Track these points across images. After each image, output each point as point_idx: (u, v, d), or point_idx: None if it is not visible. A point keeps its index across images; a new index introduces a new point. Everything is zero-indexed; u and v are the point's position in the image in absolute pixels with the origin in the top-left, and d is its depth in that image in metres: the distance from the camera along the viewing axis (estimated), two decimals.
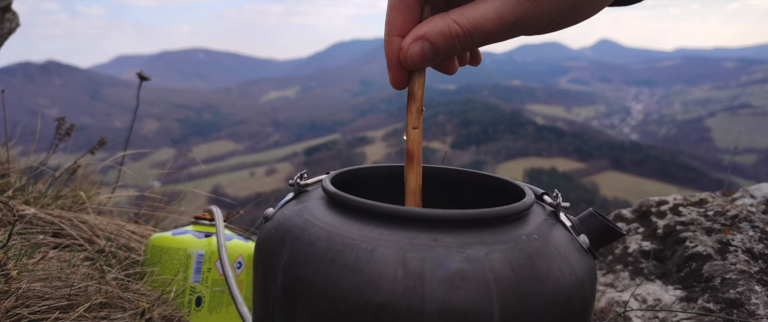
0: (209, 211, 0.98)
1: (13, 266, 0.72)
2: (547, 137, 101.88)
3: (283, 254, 0.39)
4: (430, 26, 0.40)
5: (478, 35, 0.39)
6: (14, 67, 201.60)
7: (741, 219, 1.00)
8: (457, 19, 0.39)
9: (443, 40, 0.39)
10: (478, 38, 0.39)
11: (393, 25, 0.41)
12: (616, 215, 1.18)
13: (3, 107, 1.35)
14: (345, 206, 0.41)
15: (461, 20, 0.39)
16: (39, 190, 1.25)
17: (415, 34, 0.40)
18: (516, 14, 0.37)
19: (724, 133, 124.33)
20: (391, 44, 0.42)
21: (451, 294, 0.34)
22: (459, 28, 0.39)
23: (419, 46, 0.40)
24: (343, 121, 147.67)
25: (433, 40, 0.40)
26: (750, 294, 0.83)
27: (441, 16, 0.40)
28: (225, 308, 0.90)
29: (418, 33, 0.40)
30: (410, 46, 0.41)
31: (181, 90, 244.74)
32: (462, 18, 0.39)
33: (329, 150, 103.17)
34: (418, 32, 0.40)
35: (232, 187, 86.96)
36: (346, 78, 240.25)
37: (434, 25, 0.40)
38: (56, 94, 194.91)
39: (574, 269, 0.38)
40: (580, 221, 0.43)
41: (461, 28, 0.39)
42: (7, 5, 1.82)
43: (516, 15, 0.37)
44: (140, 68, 1.77)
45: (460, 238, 0.36)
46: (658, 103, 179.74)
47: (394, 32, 0.42)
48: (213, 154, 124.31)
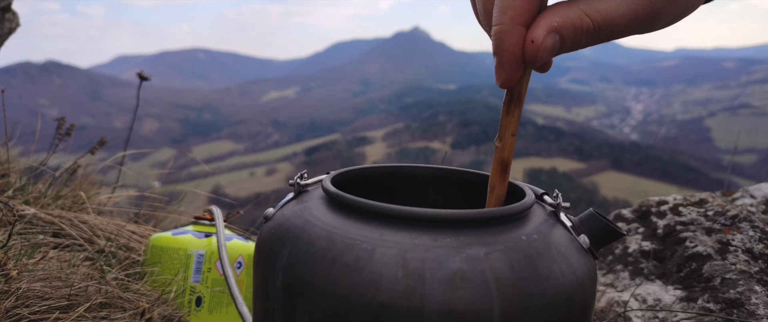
0: (209, 211, 0.98)
1: (13, 266, 0.72)
2: (547, 137, 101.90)
3: (283, 254, 0.39)
4: (561, 16, 0.35)
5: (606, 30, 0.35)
6: (14, 67, 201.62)
7: (741, 219, 1.00)
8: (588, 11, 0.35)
9: (573, 35, 0.35)
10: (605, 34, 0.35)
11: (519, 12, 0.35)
12: (616, 215, 1.18)
13: (3, 107, 1.35)
14: (345, 206, 0.40)
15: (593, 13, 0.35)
16: (39, 190, 1.25)
17: (548, 24, 0.35)
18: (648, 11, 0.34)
19: (724, 133, 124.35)
20: (515, 35, 0.35)
21: (452, 294, 0.34)
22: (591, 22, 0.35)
23: (552, 39, 0.35)
24: (343, 121, 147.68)
25: (564, 33, 0.35)
26: (750, 294, 0.83)
27: (569, 5, 0.35)
28: (225, 308, 0.90)
29: (551, 24, 0.35)
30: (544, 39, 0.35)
31: (181, 90, 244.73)
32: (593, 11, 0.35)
33: (329, 150, 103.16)
34: (552, 23, 0.35)
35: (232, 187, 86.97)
36: (346, 78, 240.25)
37: (566, 16, 0.35)
38: (56, 94, 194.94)
39: (574, 269, 0.38)
40: (581, 221, 0.43)
41: (593, 22, 0.35)
42: (7, 5, 1.82)
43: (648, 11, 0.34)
44: (140, 68, 1.77)
45: (461, 238, 0.36)
46: (658, 103, 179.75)
47: (519, 20, 0.35)
48: (213, 154, 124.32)
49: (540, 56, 0.35)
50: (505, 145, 0.41)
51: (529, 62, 0.36)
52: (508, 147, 0.41)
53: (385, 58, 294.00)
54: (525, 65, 0.37)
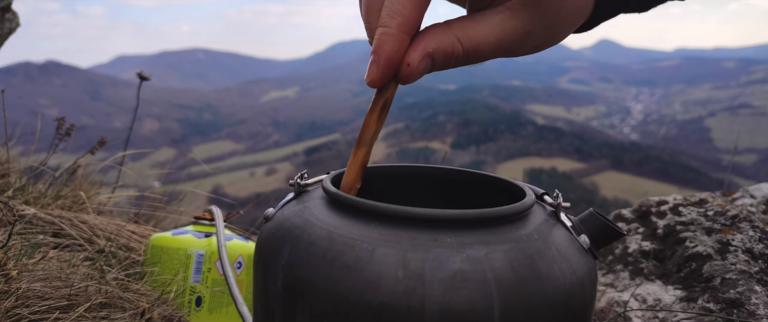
0: (209, 211, 0.98)
1: (13, 266, 0.72)
2: (547, 137, 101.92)
3: (283, 254, 0.39)
4: (437, 42, 0.37)
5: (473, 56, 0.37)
6: (14, 67, 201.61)
7: (741, 219, 1.00)
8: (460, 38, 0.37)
9: (444, 59, 0.37)
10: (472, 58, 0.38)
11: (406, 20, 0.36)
12: (616, 215, 1.18)
13: (3, 107, 1.35)
14: (345, 206, 0.41)
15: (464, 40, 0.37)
16: (39, 190, 1.25)
17: (424, 50, 0.37)
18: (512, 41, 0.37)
19: (724, 133, 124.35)
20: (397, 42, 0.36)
21: (452, 294, 0.34)
22: (461, 49, 0.37)
23: (425, 63, 0.37)
24: (343, 121, 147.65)
25: (436, 58, 0.37)
26: (750, 294, 0.83)
27: (444, 30, 0.37)
28: (225, 308, 0.90)
29: (427, 49, 0.37)
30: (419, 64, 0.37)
31: (181, 90, 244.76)
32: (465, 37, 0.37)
33: (329, 150, 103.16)
34: (428, 49, 0.37)
35: (232, 187, 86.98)
36: (346, 78, 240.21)
37: (440, 42, 0.37)
38: (56, 94, 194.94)
39: (574, 269, 0.38)
40: (581, 221, 0.43)
41: (463, 48, 0.37)
42: (7, 5, 1.82)
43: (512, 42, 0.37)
44: (140, 68, 1.77)
45: (461, 238, 0.36)
46: (658, 103, 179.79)
47: (405, 28, 0.36)
48: (213, 155, 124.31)
49: (413, 77, 0.38)
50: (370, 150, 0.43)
51: (401, 80, 0.38)
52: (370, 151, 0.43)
53: None
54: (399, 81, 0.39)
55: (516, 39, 0.37)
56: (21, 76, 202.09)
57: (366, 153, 0.42)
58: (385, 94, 0.40)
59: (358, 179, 0.43)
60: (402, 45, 0.37)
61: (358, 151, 0.42)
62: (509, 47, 0.38)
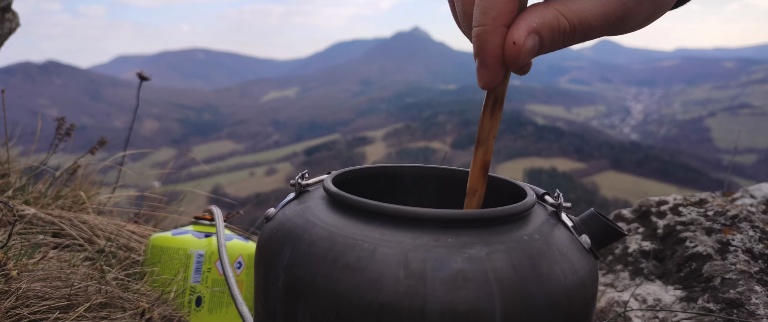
0: (209, 211, 0.98)
1: (13, 266, 0.72)
2: (547, 137, 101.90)
3: (284, 254, 0.39)
4: (539, 17, 0.35)
5: (581, 31, 0.35)
6: (14, 67, 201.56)
7: (741, 219, 1.00)
8: (564, 12, 0.35)
9: (551, 35, 0.35)
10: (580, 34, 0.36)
11: (501, 12, 0.35)
12: (616, 215, 1.18)
13: (3, 107, 1.35)
14: (346, 206, 0.40)
15: (568, 14, 0.35)
16: (39, 190, 1.25)
17: (528, 26, 0.35)
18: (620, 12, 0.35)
19: (724, 133, 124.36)
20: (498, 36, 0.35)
21: (453, 294, 0.34)
22: (567, 22, 0.35)
23: (532, 40, 0.35)
24: (343, 121, 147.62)
25: (543, 35, 0.35)
26: (750, 294, 0.83)
27: (545, 6, 0.35)
28: (225, 308, 0.90)
29: (531, 25, 0.35)
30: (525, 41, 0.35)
31: (181, 90, 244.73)
32: (569, 11, 0.35)
33: (329, 150, 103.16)
34: (531, 24, 0.35)
35: (232, 187, 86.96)
36: (346, 78, 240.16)
37: (544, 17, 0.35)
38: (56, 94, 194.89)
39: (575, 269, 0.38)
40: (582, 221, 0.43)
41: (569, 22, 0.35)
42: (7, 5, 1.82)
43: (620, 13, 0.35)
44: (140, 68, 1.77)
45: (462, 238, 0.36)
46: (658, 103, 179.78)
47: (502, 21, 0.35)
48: (213, 154, 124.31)
49: (522, 58, 0.35)
50: (489, 148, 0.41)
51: (511, 64, 0.36)
52: (490, 150, 0.41)
53: (385, 58, 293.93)
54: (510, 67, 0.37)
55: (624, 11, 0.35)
56: (21, 76, 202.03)
57: (485, 152, 0.41)
58: (495, 90, 0.39)
59: (481, 180, 0.42)
60: (502, 38, 0.35)
61: (477, 151, 0.41)
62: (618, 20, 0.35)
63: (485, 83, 0.37)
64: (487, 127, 0.40)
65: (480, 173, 0.42)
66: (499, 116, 0.40)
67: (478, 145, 0.41)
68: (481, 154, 0.41)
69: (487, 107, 0.40)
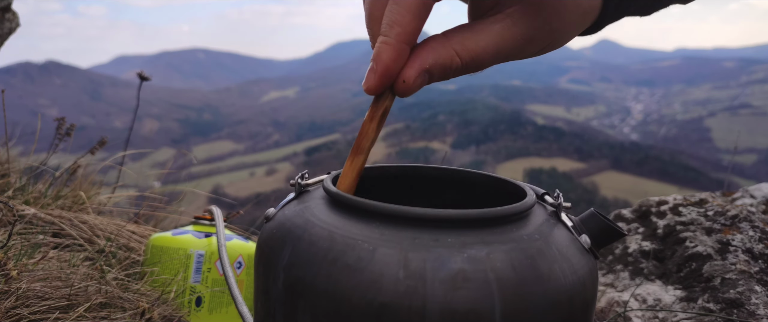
0: (209, 211, 0.98)
1: (13, 266, 0.72)
2: (547, 137, 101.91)
3: (284, 254, 0.39)
4: (434, 57, 0.37)
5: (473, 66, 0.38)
6: (14, 67, 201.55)
7: (741, 219, 1.00)
8: (458, 51, 0.37)
9: (442, 72, 0.37)
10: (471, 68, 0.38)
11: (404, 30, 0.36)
12: (616, 215, 1.18)
13: (3, 107, 1.35)
14: (346, 206, 0.40)
15: (463, 53, 0.37)
16: (39, 190, 1.25)
17: (420, 65, 0.37)
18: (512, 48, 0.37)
19: (724, 133, 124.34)
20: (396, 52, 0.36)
21: (453, 294, 0.34)
22: (460, 61, 0.37)
23: (421, 79, 0.37)
24: (343, 122, 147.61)
25: (434, 72, 0.37)
26: (750, 294, 0.83)
27: (442, 43, 0.37)
28: (225, 308, 0.90)
29: (423, 65, 0.37)
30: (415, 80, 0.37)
31: (181, 90, 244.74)
32: (464, 50, 0.37)
33: (329, 150, 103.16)
34: (424, 65, 0.37)
35: (232, 187, 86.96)
36: (346, 78, 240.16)
37: (438, 57, 0.37)
38: (56, 94, 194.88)
39: (575, 269, 0.38)
40: (582, 221, 0.43)
41: (461, 61, 0.37)
42: (7, 5, 1.82)
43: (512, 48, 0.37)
44: (140, 68, 1.77)
45: (462, 238, 0.36)
46: (658, 103, 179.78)
47: (404, 38, 0.36)
48: (213, 154, 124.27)
49: (409, 92, 0.38)
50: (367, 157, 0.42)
51: (397, 93, 0.39)
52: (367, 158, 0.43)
53: None
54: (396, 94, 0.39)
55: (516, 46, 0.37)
56: (21, 76, 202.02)
57: (363, 161, 0.42)
58: (384, 103, 0.40)
59: (353, 186, 0.43)
60: (400, 55, 0.37)
61: (356, 158, 0.42)
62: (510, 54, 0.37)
63: (368, 88, 0.39)
64: (371, 136, 0.41)
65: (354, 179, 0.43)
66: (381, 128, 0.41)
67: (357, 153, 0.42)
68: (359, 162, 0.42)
69: (375, 118, 0.41)
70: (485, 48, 0.37)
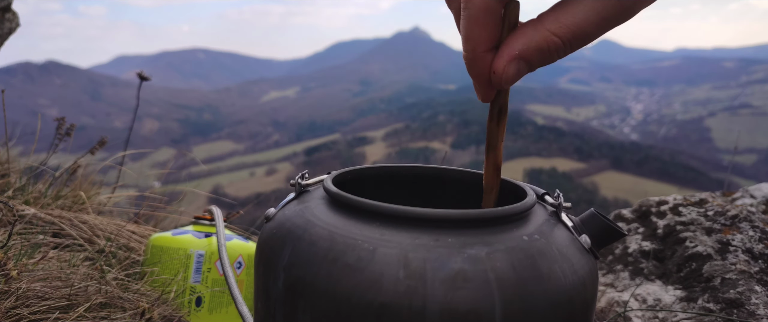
0: (209, 211, 0.98)
1: (13, 266, 0.72)
2: (547, 137, 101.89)
3: (284, 254, 0.39)
4: (524, 42, 0.35)
5: (577, 42, 0.35)
6: (14, 67, 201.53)
7: (741, 219, 1.00)
8: (555, 30, 0.35)
9: (540, 56, 0.36)
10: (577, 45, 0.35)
11: (478, 42, 0.36)
12: (616, 215, 1.18)
13: (3, 107, 1.35)
14: (346, 206, 0.40)
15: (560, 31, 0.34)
16: (39, 190, 1.25)
17: (509, 54, 0.36)
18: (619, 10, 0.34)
19: (724, 133, 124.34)
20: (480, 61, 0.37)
21: (453, 294, 0.34)
22: (559, 40, 0.35)
23: (514, 66, 0.36)
24: (343, 121, 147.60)
25: (530, 58, 0.36)
26: (750, 294, 0.83)
27: (534, 26, 0.35)
28: (225, 308, 0.90)
29: (512, 53, 0.36)
30: (505, 69, 0.36)
31: (181, 90, 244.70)
32: (561, 28, 0.34)
33: (329, 150, 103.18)
34: (513, 52, 0.36)
35: (232, 187, 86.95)
36: (346, 78, 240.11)
37: (530, 41, 0.35)
38: (56, 94, 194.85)
39: (575, 269, 0.38)
40: (582, 221, 0.43)
41: (561, 39, 0.35)
42: (7, 5, 1.82)
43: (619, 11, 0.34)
44: (140, 68, 1.77)
45: (462, 238, 0.36)
46: (658, 103, 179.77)
47: (482, 48, 0.36)
48: (213, 154, 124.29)
49: (505, 83, 0.37)
50: (498, 153, 0.43)
51: (497, 86, 0.38)
52: (500, 153, 0.44)
53: (385, 58, 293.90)
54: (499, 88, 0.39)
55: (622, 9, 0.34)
56: (21, 76, 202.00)
57: (495, 156, 0.43)
58: (498, 102, 0.41)
59: (495, 179, 0.44)
60: (485, 62, 0.37)
61: (489, 155, 0.43)
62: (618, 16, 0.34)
63: (481, 98, 0.40)
64: (495, 134, 0.42)
65: (493, 174, 0.44)
66: (505, 123, 0.42)
67: (488, 150, 0.43)
68: (492, 158, 0.44)
69: (493, 117, 0.41)
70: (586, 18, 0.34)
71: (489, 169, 0.44)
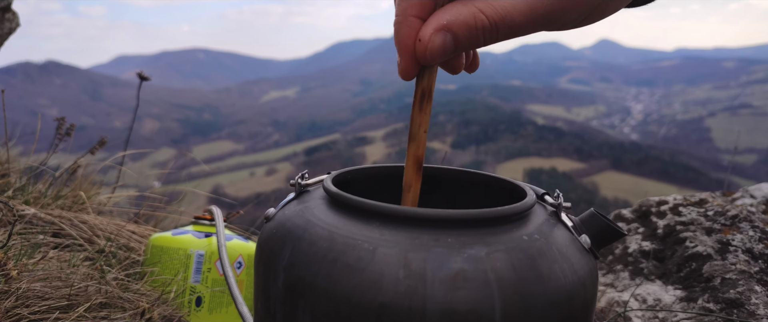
0: (209, 211, 0.98)
1: (13, 266, 0.72)
2: (547, 137, 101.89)
3: (284, 254, 0.39)
4: (453, 15, 0.34)
5: (504, 28, 0.34)
6: (14, 67, 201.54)
7: (741, 219, 1.00)
8: (483, 8, 0.34)
9: (467, 33, 0.34)
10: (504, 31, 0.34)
11: (411, 4, 0.35)
12: (616, 215, 1.18)
13: (3, 107, 1.35)
14: (346, 206, 0.40)
15: (488, 10, 0.34)
16: (39, 190, 1.25)
17: (437, 22, 0.34)
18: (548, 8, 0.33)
19: (724, 133, 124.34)
20: (407, 27, 0.35)
21: (453, 294, 0.34)
22: (486, 19, 0.34)
23: (441, 38, 0.34)
24: (343, 121, 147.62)
25: (457, 32, 0.34)
26: (750, 294, 0.83)
27: (464, 3, 0.34)
28: (225, 308, 0.90)
29: (440, 22, 0.34)
30: (431, 38, 0.34)
31: (181, 90, 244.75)
32: (489, 7, 0.34)
33: (329, 150, 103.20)
34: (441, 21, 0.34)
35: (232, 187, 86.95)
36: (346, 78, 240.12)
37: (458, 14, 0.34)
38: (56, 94, 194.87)
39: (575, 269, 0.38)
40: (582, 221, 0.43)
41: (488, 19, 0.34)
42: (7, 5, 1.82)
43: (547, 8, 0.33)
44: (140, 68, 1.77)
45: (462, 238, 0.36)
46: (658, 103, 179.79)
47: (411, 11, 0.35)
48: (213, 154, 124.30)
49: (430, 55, 0.35)
50: (420, 144, 0.41)
51: (421, 60, 0.36)
52: (422, 144, 0.41)
53: (385, 58, 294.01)
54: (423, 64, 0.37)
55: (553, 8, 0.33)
56: (21, 76, 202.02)
57: (417, 148, 0.41)
58: (421, 84, 0.39)
59: (415, 176, 0.42)
60: (412, 28, 0.35)
61: (410, 146, 0.41)
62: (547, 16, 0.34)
63: (400, 73, 0.38)
64: (418, 121, 0.40)
65: (414, 169, 0.42)
66: (429, 110, 0.40)
67: (410, 140, 0.41)
68: (413, 150, 0.41)
69: (416, 101, 0.40)
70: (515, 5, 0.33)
71: (409, 163, 0.41)
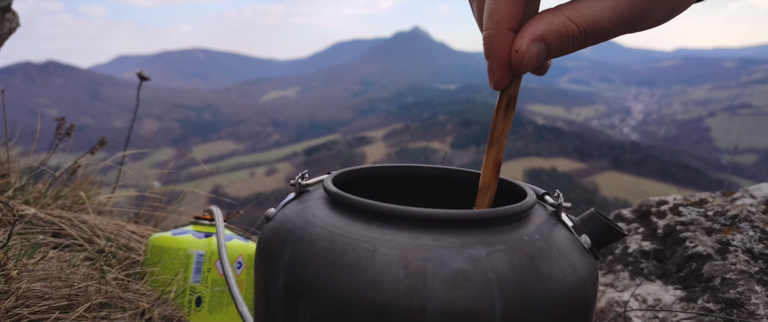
0: (209, 211, 0.98)
1: (13, 266, 0.72)
2: (547, 137, 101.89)
3: (284, 254, 0.39)
4: (545, 25, 0.36)
5: (593, 34, 0.36)
6: (14, 67, 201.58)
7: (741, 219, 1.00)
8: (572, 17, 0.35)
9: (559, 41, 0.36)
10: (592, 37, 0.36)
11: (504, 17, 0.36)
12: (616, 215, 1.18)
13: (3, 107, 1.35)
14: (347, 206, 0.40)
15: (577, 19, 0.35)
16: (39, 190, 1.25)
17: (531, 34, 0.36)
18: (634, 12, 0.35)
19: (724, 133, 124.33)
20: (502, 40, 0.36)
21: (453, 294, 0.34)
22: (576, 27, 0.35)
23: (536, 47, 0.36)
24: (343, 121, 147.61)
25: (550, 41, 0.36)
26: (750, 294, 0.83)
27: (554, 12, 0.36)
28: (225, 308, 0.90)
29: (534, 33, 0.36)
30: (528, 48, 0.36)
31: (181, 90, 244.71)
32: (578, 16, 0.35)
33: (329, 150, 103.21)
34: (535, 32, 0.36)
35: (232, 187, 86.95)
36: (346, 78, 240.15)
37: (550, 24, 0.36)
38: (56, 94, 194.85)
39: (575, 269, 0.38)
40: (582, 221, 0.43)
41: (578, 27, 0.35)
42: (7, 5, 1.82)
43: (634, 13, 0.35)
44: (140, 68, 1.77)
45: (462, 238, 0.36)
46: (658, 103, 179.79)
47: (506, 25, 0.36)
48: (213, 154, 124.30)
49: (526, 65, 0.37)
50: (501, 147, 0.42)
51: (516, 69, 0.38)
52: (502, 148, 0.42)
53: (385, 58, 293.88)
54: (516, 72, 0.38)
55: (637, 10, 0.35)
56: (21, 76, 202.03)
57: (498, 151, 0.42)
58: (508, 91, 0.40)
59: (493, 178, 0.43)
60: (506, 41, 0.37)
61: (490, 149, 0.42)
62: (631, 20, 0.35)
63: (494, 84, 0.39)
64: (501, 126, 0.41)
65: (493, 171, 0.43)
66: (512, 116, 0.41)
67: (491, 143, 0.42)
68: (494, 153, 0.42)
69: (501, 107, 0.41)
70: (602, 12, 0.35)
71: (488, 165, 0.42)
